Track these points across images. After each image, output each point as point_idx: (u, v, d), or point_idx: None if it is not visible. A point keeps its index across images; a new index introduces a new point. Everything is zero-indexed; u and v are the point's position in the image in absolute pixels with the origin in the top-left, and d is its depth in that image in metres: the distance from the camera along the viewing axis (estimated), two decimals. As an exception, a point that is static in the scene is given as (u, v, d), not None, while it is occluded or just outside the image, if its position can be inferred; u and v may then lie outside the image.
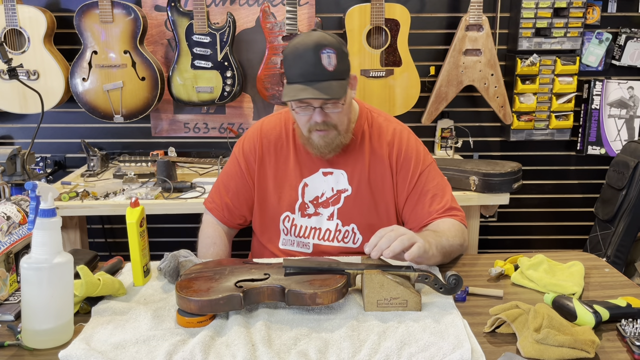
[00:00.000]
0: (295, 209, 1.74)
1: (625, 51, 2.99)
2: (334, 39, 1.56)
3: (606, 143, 3.04)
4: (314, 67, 1.51)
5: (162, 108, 3.02)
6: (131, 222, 1.44)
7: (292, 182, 1.73)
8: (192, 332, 1.24)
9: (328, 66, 1.52)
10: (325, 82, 1.52)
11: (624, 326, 1.23)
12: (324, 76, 1.52)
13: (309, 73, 1.52)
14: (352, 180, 1.72)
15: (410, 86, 2.84)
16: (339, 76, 1.54)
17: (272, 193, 1.76)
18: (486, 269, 1.54)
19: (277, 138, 1.76)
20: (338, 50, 1.53)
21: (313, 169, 1.73)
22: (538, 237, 3.28)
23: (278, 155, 1.76)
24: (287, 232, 1.76)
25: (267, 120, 1.82)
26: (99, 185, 2.53)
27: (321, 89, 1.51)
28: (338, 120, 1.60)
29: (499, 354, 1.14)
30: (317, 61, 1.51)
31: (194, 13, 2.72)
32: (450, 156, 2.98)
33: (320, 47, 1.51)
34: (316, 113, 1.57)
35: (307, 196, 1.73)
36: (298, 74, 1.54)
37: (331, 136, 1.62)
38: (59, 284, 1.20)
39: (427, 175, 1.72)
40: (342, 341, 1.19)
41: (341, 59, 1.54)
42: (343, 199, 1.72)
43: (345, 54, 1.57)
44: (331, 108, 1.57)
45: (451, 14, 2.96)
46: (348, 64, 1.60)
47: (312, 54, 1.51)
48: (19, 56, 2.72)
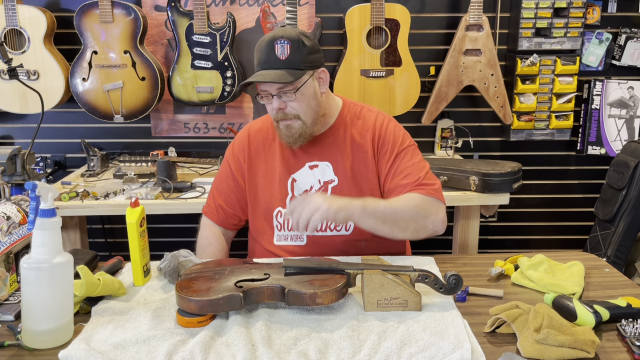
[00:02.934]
0: (287, 203, 1.77)
1: (625, 51, 2.99)
2: (294, 33, 1.64)
3: (606, 143, 3.04)
4: (267, 56, 1.63)
5: (162, 108, 3.02)
6: (131, 222, 1.44)
7: (281, 179, 1.78)
8: (192, 332, 1.24)
9: (280, 55, 1.61)
10: (277, 70, 1.61)
11: (624, 326, 1.23)
12: (276, 64, 1.62)
13: (263, 61, 1.64)
14: (338, 171, 1.76)
15: (410, 86, 2.84)
16: (292, 65, 1.62)
17: (262, 191, 1.80)
18: (486, 269, 1.55)
19: (264, 138, 1.83)
20: (294, 42, 1.62)
21: (299, 164, 1.78)
22: (538, 237, 3.28)
23: (266, 154, 1.81)
24: (281, 227, 1.78)
25: (254, 123, 1.90)
26: (99, 185, 2.53)
27: (268, 75, 1.61)
28: (299, 110, 1.66)
29: (499, 354, 1.14)
30: (270, 50, 1.62)
31: (194, 13, 2.72)
32: (450, 156, 2.98)
33: (275, 38, 1.62)
34: (274, 100, 1.66)
35: (297, 191, 1.77)
36: (257, 63, 1.67)
37: (296, 126, 1.68)
38: (59, 284, 1.20)
39: (404, 155, 1.74)
40: (342, 341, 1.19)
41: (297, 50, 1.62)
42: (330, 190, 1.76)
43: (305, 47, 1.64)
44: (287, 96, 1.65)
45: (451, 14, 2.96)
46: (309, 57, 1.65)
47: (267, 44, 1.63)
48: (19, 56, 2.72)
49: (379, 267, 1.37)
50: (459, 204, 2.53)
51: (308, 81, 1.66)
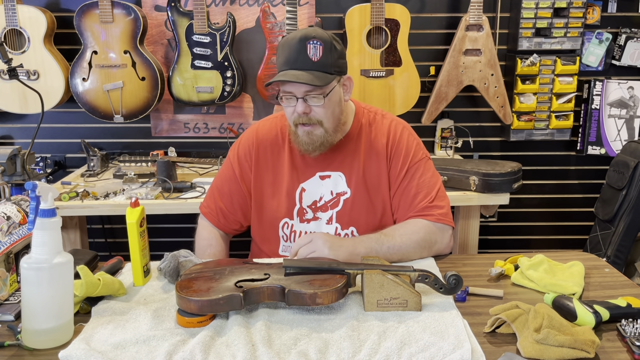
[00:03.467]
0: (294, 214, 1.73)
1: (625, 51, 2.99)
2: (326, 34, 1.56)
3: (606, 143, 3.04)
4: (298, 54, 1.53)
5: (162, 108, 3.02)
6: (131, 222, 1.44)
7: (289, 188, 1.71)
8: (192, 332, 1.24)
9: (312, 56, 1.52)
10: (308, 71, 1.53)
11: (624, 326, 1.23)
12: (307, 65, 1.53)
13: (292, 60, 1.54)
14: (350, 182, 1.70)
15: (410, 86, 2.84)
16: (323, 68, 1.54)
17: (269, 199, 1.74)
18: (486, 269, 1.55)
19: (272, 143, 1.75)
20: (326, 43, 1.54)
21: (309, 173, 1.71)
22: (538, 237, 3.28)
23: (275, 160, 1.74)
24: (287, 238, 1.74)
25: (262, 124, 1.80)
26: (99, 185, 2.53)
27: (300, 75, 1.52)
28: (323, 116, 1.59)
29: (499, 354, 1.14)
30: (301, 49, 1.53)
31: (194, 13, 2.72)
32: (450, 156, 2.98)
33: (307, 37, 1.53)
34: (299, 103, 1.57)
35: (305, 201, 1.72)
36: (283, 62, 1.56)
37: (317, 133, 1.60)
38: (59, 284, 1.20)
39: (415, 170, 1.69)
40: (342, 341, 1.19)
41: (329, 53, 1.54)
42: (342, 202, 1.71)
43: (336, 50, 1.57)
44: (314, 100, 1.56)
45: (451, 14, 2.96)
46: (338, 62, 1.58)
47: (298, 43, 1.53)
48: (19, 56, 2.72)
49: (379, 267, 1.37)
50: (459, 204, 2.53)
51: (336, 87, 1.59)
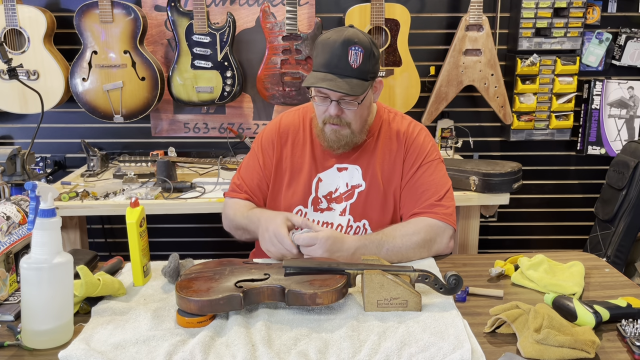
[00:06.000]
0: (308, 203, 1.76)
1: (625, 51, 2.99)
2: (367, 39, 1.58)
3: (606, 143, 3.04)
4: (338, 60, 1.55)
5: (162, 108, 3.02)
6: (131, 222, 1.44)
7: (307, 177, 1.76)
8: (192, 332, 1.24)
9: (353, 63, 1.55)
10: (346, 77, 1.55)
11: (624, 326, 1.23)
12: (347, 71, 1.56)
13: (332, 65, 1.56)
14: (366, 176, 1.74)
15: (410, 86, 2.84)
16: (362, 75, 1.57)
17: (286, 186, 1.78)
18: (486, 269, 1.54)
19: (295, 132, 1.80)
20: (367, 50, 1.56)
21: (327, 164, 1.76)
22: (538, 237, 3.28)
23: (295, 149, 1.79)
24: None
25: (286, 115, 1.85)
26: (99, 185, 2.53)
27: (340, 83, 1.55)
28: (352, 119, 1.63)
29: (499, 354, 1.14)
30: (343, 55, 1.54)
31: (194, 13, 2.72)
32: (450, 156, 2.98)
33: (349, 42, 1.54)
34: (332, 106, 1.61)
35: (321, 191, 1.76)
36: (323, 63, 1.58)
37: (344, 133, 1.65)
38: (59, 284, 1.20)
39: (427, 167, 1.73)
40: (342, 341, 1.19)
41: (368, 60, 1.57)
42: (356, 195, 1.74)
43: (375, 57, 1.59)
44: (347, 105, 1.60)
45: (451, 14, 2.96)
46: (375, 67, 1.62)
47: (340, 47, 1.55)
48: (19, 56, 2.72)
49: (379, 267, 1.37)
50: (459, 204, 2.52)
51: (369, 92, 1.63)
